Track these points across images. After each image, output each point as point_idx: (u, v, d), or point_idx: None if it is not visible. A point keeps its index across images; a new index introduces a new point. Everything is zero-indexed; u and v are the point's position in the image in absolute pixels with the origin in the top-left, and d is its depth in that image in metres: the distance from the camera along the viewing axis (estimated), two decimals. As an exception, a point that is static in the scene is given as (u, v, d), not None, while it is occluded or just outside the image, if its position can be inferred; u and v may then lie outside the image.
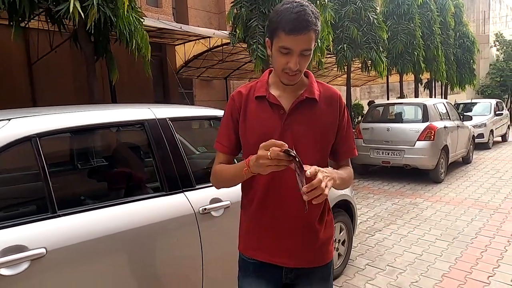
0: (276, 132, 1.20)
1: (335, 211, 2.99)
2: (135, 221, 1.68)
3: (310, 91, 1.24)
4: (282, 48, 1.13)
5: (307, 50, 1.13)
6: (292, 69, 1.14)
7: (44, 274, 1.37)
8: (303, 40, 1.10)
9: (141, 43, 3.69)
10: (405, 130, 6.42)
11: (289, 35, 1.09)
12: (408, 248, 3.63)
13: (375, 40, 7.23)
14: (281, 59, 1.15)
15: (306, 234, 1.26)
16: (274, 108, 1.22)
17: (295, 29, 1.08)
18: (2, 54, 5.45)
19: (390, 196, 5.66)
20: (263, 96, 1.24)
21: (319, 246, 1.28)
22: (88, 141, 2.09)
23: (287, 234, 1.25)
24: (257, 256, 1.29)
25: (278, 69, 1.18)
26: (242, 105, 1.26)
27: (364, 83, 16.25)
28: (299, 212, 1.19)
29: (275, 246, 1.26)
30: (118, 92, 6.11)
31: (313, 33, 1.11)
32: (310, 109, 1.23)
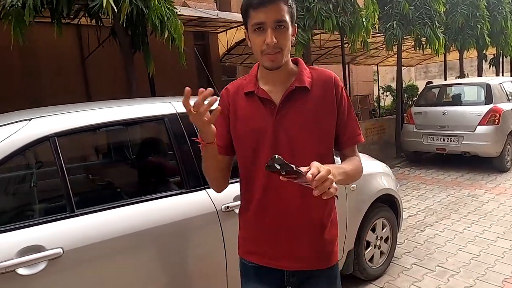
0: (269, 128, 1.15)
1: (377, 206, 2.77)
2: (154, 220, 1.64)
3: (300, 79, 1.17)
4: (255, 26, 1.09)
5: (280, 21, 1.07)
6: (269, 45, 1.07)
7: (60, 274, 1.38)
8: (273, 11, 1.06)
9: (175, 34, 3.66)
10: (464, 114, 5.80)
11: (257, 9, 1.07)
12: (463, 247, 3.27)
13: (429, 15, 6.54)
14: (257, 39, 1.10)
15: (306, 235, 1.20)
16: (265, 103, 1.17)
17: (262, 1, 1.06)
18: (57, 51, 5.80)
19: (445, 186, 5.18)
20: (252, 92, 1.18)
21: (322, 248, 1.22)
22: (106, 139, 2.10)
23: (286, 236, 1.19)
24: (256, 260, 1.24)
25: (258, 51, 1.12)
26: (231, 103, 1.21)
27: (419, 62, 15.01)
28: (298, 213, 1.17)
29: (274, 249, 1.21)
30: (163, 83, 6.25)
31: (284, 4, 1.07)
32: (302, 99, 1.16)
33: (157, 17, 3.29)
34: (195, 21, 6.11)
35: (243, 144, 1.19)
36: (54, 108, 1.75)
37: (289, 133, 1.14)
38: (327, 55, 9.96)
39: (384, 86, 14.49)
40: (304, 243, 1.20)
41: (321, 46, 8.46)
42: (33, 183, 1.59)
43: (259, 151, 1.16)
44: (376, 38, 7.69)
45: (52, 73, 5.83)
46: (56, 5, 2.94)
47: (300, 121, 1.15)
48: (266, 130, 1.14)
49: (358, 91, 13.10)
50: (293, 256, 1.20)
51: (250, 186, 1.21)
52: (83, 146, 1.94)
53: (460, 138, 5.77)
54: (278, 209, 1.18)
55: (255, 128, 1.15)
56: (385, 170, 3.04)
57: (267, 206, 1.18)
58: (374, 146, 7.37)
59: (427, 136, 6.17)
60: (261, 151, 1.16)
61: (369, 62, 12.39)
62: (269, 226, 1.20)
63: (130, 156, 2.13)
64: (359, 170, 1.23)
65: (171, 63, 6.38)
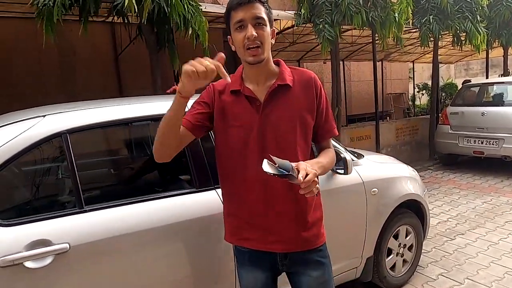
0: (255, 124, 1.25)
1: (401, 212, 2.62)
2: (162, 219, 1.63)
3: (281, 78, 1.28)
4: (236, 24, 1.21)
5: (259, 18, 1.20)
6: (250, 38, 1.18)
7: (66, 269, 1.40)
8: (251, 9, 1.19)
9: (199, 31, 3.67)
10: (506, 115, 5.39)
11: (237, 9, 1.20)
12: (497, 260, 3.03)
13: (470, 9, 6.12)
14: (239, 36, 1.21)
15: (293, 219, 1.30)
16: (250, 101, 1.27)
17: (240, 2, 1.18)
18: (93, 48, 6.03)
19: (481, 192, 4.85)
20: (238, 90, 1.28)
21: (309, 230, 1.33)
22: (118, 137, 2.13)
23: (275, 221, 1.29)
24: (249, 245, 1.34)
25: (240, 47, 1.22)
26: (217, 99, 1.30)
27: (459, 59, 14.16)
28: (284, 199, 1.28)
29: (265, 234, 1.31)
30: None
31: (260, 4, 1.21)
32: (285, 96, 1.27)
33: (180, 15, 3.30)
34: (223, 18, 6.12)
35: (231, 138, 1.28)
36: (71, 104, 1.78)
37: (274, 128, 1.25)
38: (359, 52, 9.64)
39: (420, 85, 13.84)
40: (292, 227, 1.30)
41: (352, 42, 8.19)
42: (45, 178, 1.63)
43: (247, 144, 1.26)
44: (412, 34, 7.32)
45: (88, 69, 6.08)
46: (83, 3, 3.03)
47: (284, 116, 1.26)
48: (253, 126, 1.25)
49: (392, 89, 12.61)
50: (282, 239, 1.30)
51: (238, 177, 1.30)
52: (95, 143, 1.97)
53: (500, 141, 5.37)
54: (266, 196, 1.28)
55: (242, 124, 1.25)
56: (411, 174, 2.87)
57: (256, 194, 1.28)
58: (406, 147, 7.05)
59: (463, 138, 5.81)
60: (248, 145, 1.26)
61: (404, 59, 11.86)
62: (258, 213, 1.29)
63: (141, 154, 2.15)
64: (333, 160, 1.39)
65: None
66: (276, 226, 1.30)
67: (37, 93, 5.43)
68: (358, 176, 2.31)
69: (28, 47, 5.13)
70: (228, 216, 1.41)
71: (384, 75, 11.43)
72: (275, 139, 1.25)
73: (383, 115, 10.34)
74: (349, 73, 11.21)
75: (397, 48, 8.87)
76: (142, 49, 4.64)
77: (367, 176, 2.37)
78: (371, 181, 2.38)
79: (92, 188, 1.81)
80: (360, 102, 11.18)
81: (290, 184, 1.14)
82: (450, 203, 4.53)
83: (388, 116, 11.02)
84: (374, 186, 2.38)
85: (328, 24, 4.76)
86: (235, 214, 1.37)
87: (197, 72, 1.02)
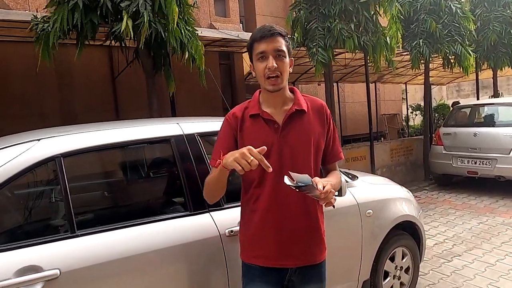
0: (274, 144, 1.35)
1: (396, 233, 2.61)
2: (155, 243, 1.61)
3: (298, 104, 1.41)
4: (258, 55, 1.35)
5: (280, 51, 1.33)
6: (271, 68, 1.31)
7: (56, 296, 1.37)
8: (273, 42, 1.32)
9: (195, 55, 3.74)
10: (498, 136, 5.48)
11: (260, 41, 1.33)
12: (495, 282, 3.00)
13: (459, 32, 6.32)
14: (260, 66, 1.35)
15: (304, 236, 1.41)
16: (269, 123, 1.38)
17: (263, 35, 1.32)
18: (90, 70, 6.11)
19: (477, 213, 4.85)
20: (257, 114, 1.39)
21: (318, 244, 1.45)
22: (111, 160, 2.13)
23: (287, 238, 1.39)
24: (262, 263, 1.41)
25: (261, 76, 1.36)
26: (238, 125, 1.40)
27: (450, 80, 14.46)
28: (297, 216, 1.38)
29: (278, 251, 1.39)
30: (187, 101, 6.40)
31: (281, 38, 1.34)
32: (301, 120, 1.40)
33: (177, 39, 3.38)
34: (220, 42, 6.25)
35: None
36: (65, 128, 1.79)
37: (291, 148, 1.37)
38: (352, 74, 9.83)
39: (414, 105, 14.06)
40: (303, 243, 1.41)
41: (346, 65, 8.37)
42: (37, 202, 1.62)
43: None
44: (403, 57, 7.52)
45: (85, 91, 6.14)
46: (81, 29, 3.09)
47: (301, 138, 1.38)
48: (271, 145, 1.34)
49: (386, 110, 12.78)
50: (294, 255, 1.40)
51: (255, 195, 1.40)
52: (89, 166, 1.97)
53: (493, 161, 5.43)
54: (281, 214, 1.37)
55: (262, 144, 1.27)
56: (406, 195, 2.88)
57: (272, 212, 1.37)
58: (401, 168, 7.09)
59: (457, 158, 5.86)
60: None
61: (397, 80, 12.10)
62: (273, 231, 1.38)
63: (134, 177, 2.15)
64: (340, 181, 1.52)
65: (196, 81, 6.60)
66: (290, 242, 1.39)
67: (35, 115, 5.45)
68: (353, 198, 2.32)
69: (27, 70, 5.20)
70: (242, 234, 1.49)
71: (378, 96, 11.61)
72: (291, 159, 1.36)
73: (378, 135, 10.43)
74: (343, 94, 11.38)
75: (389, 70, 9.07)
76: (139, 72, 4.72)
77: (362, 197, 2.37)
78: (366, 202, 2.38)
79: (85, 212, 1.79)
80: (355, 123, 11.29)
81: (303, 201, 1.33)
82: (446, 223, 4.52)
83: (382, 137, 11.11)
84: (369, 208, 2.38)
85: (321, 48, 4.89)
86: (248, 233, 1.45)
87: (241, 166, 1.12)
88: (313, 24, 4.99)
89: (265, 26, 1.36)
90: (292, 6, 5.36)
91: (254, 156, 1.12)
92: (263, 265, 1.40)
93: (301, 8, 5.11)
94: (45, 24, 3.26)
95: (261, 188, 1.38)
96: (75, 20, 3.05)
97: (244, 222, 1.47)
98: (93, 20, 3.15)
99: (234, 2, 8.81)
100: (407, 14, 6.28)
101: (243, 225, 1.48)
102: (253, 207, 1.41)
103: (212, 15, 8.24)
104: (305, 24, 5.09)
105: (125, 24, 2.93)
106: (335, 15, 4.87)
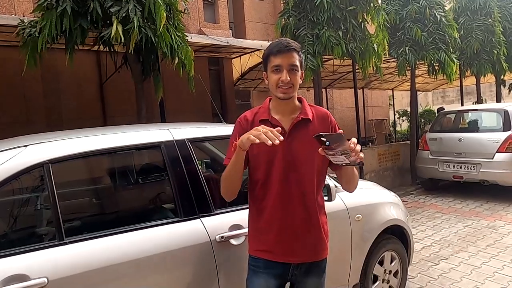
0: (279, 148, 1.42)
1: (384, 237, 2.64)
2: (145, 250, 1.60)
3: (304, 113, 1.51)
4: (274, 67, 1.44)
5: (294, 65, 1.43)
6: (284, 81, 1.42)
7: (44, 305, 1.34)
8: (288, 57, 1.43)
9: (185, 60, 3.75)
10: (482, 141, 5.61)
11: (276, 55, 1.43)
12: (481, 284, 3.06)
13: (443, 40, 6.49)
14: (274, 77, 1.45)
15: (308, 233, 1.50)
16: None
17: (280, 50, 1.42)
18: (78, 76, 6.04)
19: (463, 216, 4.95)
20: (266, 119, 1.49)
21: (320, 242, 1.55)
22: (101, 166, 2.11)
23: (292, 235, 1.48)
24: (267, 257, 1.50)
25: (274, 86, 1.46)
26: (249, 127, 1.47)
27: (436, 87, 14.81)
28: (301, 215, 1.48)
29: (283, 247, 1.49)
30: (177, 106, 6.37)
31: (296, 53, 1.44)
32: (306, 128, 1.49)
33: (167, 45, 3.38)
34: (209, 48, 6.27)
35: (258, 160, 1.47)
36: (53, 134, 1.77)
37: (296, 154, 1.46)
38: (340, 80, 9.96)
39: (400, 111, 14.31)
40: (307, 240, 1.50)
41: (334, 71, 8.49)
42: (24, 209, 1.59)
43: (272, 168, 1.46)
44: (390, 64, 7.67)
45: (73, 96, 6.06)
46: (70, 34, 3.07)
47: (305, 145, 1.46)
48: (277, 150, 1.43)
49: (373, 115, 12.96)
50: (298, 252, 1.50)
51: (261, 194, 1.49)
52: (77, 173, 1.95)
53: (477, 165, 5.56)
54: (285, 213, 1.46)
55: (269, 149, 1.37)
56: (394, 199, 2.92)
57: (277, 212, 1.47)
58: (388, 172, 7.18)
59: (443, 163, 5.98)
60: (273, 168, 1.46)
61: (384, 86, 12.31)
62: (277, 229, 1.48)
63: (124, 183, 2.13)
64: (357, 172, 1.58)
65: (186, 87, 6.61)
66: (293, 240, 1.48)
67: (20, 121, 5.35)
68: (342, 203, 2.34)
69: (13, 75, 5.11)
70: (250, 230, 1.58)
71: (366, 102, 11.79)
72: (295, 163, 1.46)
73: (366, 141, 10.55)
74: (331, 100, 11.51)
75: (376, 77, 9.23)
76: (127, 77, 4.70)
77: (351, 202, 2.40)
78: (355, 207, 2.40)
79: (74, 219, 1.77)
80: (343, 128, 11.10)
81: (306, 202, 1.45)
82: (433, 227, 4.59)
83: (370, 142, 11.26)
84: (358, 212, 2.40)
85: (310, 54, 4.95)
86: (255, 229, 1.54)
87: (254, 136, 1.24)
88: (302, 31, 5.05)
89: (282, 40, 1.45)
90: (281, 13, 5.43)
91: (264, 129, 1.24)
92: (268, 259, 1.50)
93: (290, 15, 5.18)
94: (32, 29, 3.22)
95: (266, 189, 1.48)
96: (64, 26, 3.02)
97: (251, 219, 1.57)
98: (82, 25, 3.12)
99: (223, 8, 8.86)
100: (394, 22, 6.42)
101: (250, 222, 1.58)
102: (259, 206, 1.51)
103: (202, 21, 8.27)
104: (294, 31, 5.16)
105: (115, 29, 2.92)
106: (324, 23, 4.95)
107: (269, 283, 1.51)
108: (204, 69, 7.46)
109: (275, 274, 1.52)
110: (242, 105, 9.40)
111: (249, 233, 1.59)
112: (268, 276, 1.51)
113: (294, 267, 1.53)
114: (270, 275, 1.51)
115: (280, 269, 1.52)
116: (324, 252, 1.59)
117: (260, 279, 1.52)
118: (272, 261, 1.50)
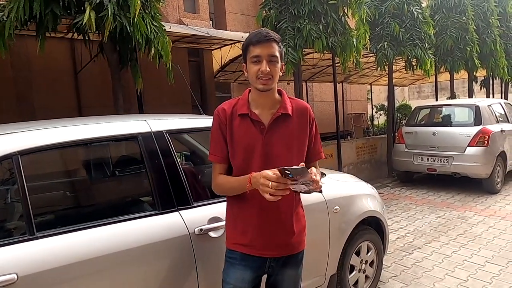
0: (258, 144, 1.46)
1: (361, 228, 2.70)
2: (122, 244, 1.57)
3: (284, 107, 1.50)
4: (253, 58, 1.42)
5: (273, 56, 1.41)
6: (264, 72, 1.39)
7: (13, 302, 1.29)
8: (268, 48, 1.41)
9: (162, 51, 3.65)
10: (454, 135, 5.81)
11: (256, 45, 1.41)
12: (451, 272, 3.20)
13: (419, 37, 6.64)
14: (254, 68, 1.42)
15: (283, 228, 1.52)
16: (256, 124, 1.47)
17: (259, 40, 1.40)
18: (51, 64, 5.79)
19: (435, 208, 5.13)
20: (246, 114, 1.47)
21: (296, 236, 1.56)
22: (74, 158, 2.04)
23: (268, 230, 1.49)
24: (245, 250, 1.51)
25: (253, 77, 1.43)
26: (227, 121, 1.48)
27: (412, 82, 15.19)
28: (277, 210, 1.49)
29: (260, 241, 1.50)
30: (156, 97, 6.22)
31: (275, 44, 1.43)
32: (285, 123, 1.49)
33: (142, 34, 3.28)
34: (189, 38, 6.14)
35: (238, 155, 1.47)
36: (23, 124, 1.69)
37: (274, 149, 1.46)
38: (320, 74, 10.04)
39: (378, 105, 14.61)
40: (283, 234, 1.52)
41: (314, 65, 8.54)
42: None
43: (251, 162, 1.46)
44: (368, 58, 7.78)
45: (45, 85, 5.81)
46: (40, 20, 2.93)
47: (284, 140, 1.48)
48: (256, 146, 1.45)
49: (352, 109, 13.17)
50: (274, 246, 1.51)
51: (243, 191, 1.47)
52: (49, 165, 1.87)
53: (450, 159, 5.76)
54: (263, 208, 1.46)
55: (248, 143, 1.44)
56: (371, 191, 2.99)
57: (255, 206, 1.47)
58: (366, 165, 7.34)
59: (417, 156, 6.16)
60: (252, 162, 1.46)
61: (362, 81, 12.50)
62: (255, 223, 1.49)
63: (99, 176, 2.07)
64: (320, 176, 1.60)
65: (164, 78, 6.47)
66: (270, 234, 1.50)
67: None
68: (321, 195, 2.37)
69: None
70: (228, 223, 1.59)
71: (345, 96, 11.94)
72: (275, 158, 1.46)
73: (345, 134, 10.73)
74: (311, 94, 11.59)
75: (356, 71, 9.35)
76: (103, 66, 4.54)
77: (329, 194, 2.43)
78: (333, 199, 2.44)
79: (46, 213, 1.70)
80: (323, 122, 11.53)
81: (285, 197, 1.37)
82: (407, 218, 4.74)
83: (349, 135, 11.45)
84: (336, 204, 2.44)
85: (291, 48, 4.95)
86: (234, 223, 1.55)
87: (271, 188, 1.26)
88: (283, 23, 5.04)
89: (261, 31, 1.43)
90: (262, 5, 5.39)
91: (270, 180, 1.27)
92: (247, 252, 1.51)
93: (271, 8, 5.15)
94: (0, 13, 3.05)
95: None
96: (34, 11, 2.88)
97: (229, 213, 1.58)
98: (54, 11, 2.98)
99: (203, -1, 8.70)
100: (373, 17, 6.51)
101: (228, 216, 1.58)
102: (239, 201, 1.51)
103: (181, 11, 8.09)
104: (275, 23, 5.14)
105: (88, 16, 2.80)
106: (305, 16, 4.95)
107: (244, 275, 1.52)
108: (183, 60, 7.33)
109: (252, 267, 1.53)
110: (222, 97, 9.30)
111: (227, 226, 1.60)
112: (244, 268, 1.52)
113: (271, 260, 1.54)
114: (247, 268, 1.52)
115: (257, 262, 1.53)
116: (301, 245, 1.61)
117: (236, 271, 1.53)
118: (249, 255, 1.51)
